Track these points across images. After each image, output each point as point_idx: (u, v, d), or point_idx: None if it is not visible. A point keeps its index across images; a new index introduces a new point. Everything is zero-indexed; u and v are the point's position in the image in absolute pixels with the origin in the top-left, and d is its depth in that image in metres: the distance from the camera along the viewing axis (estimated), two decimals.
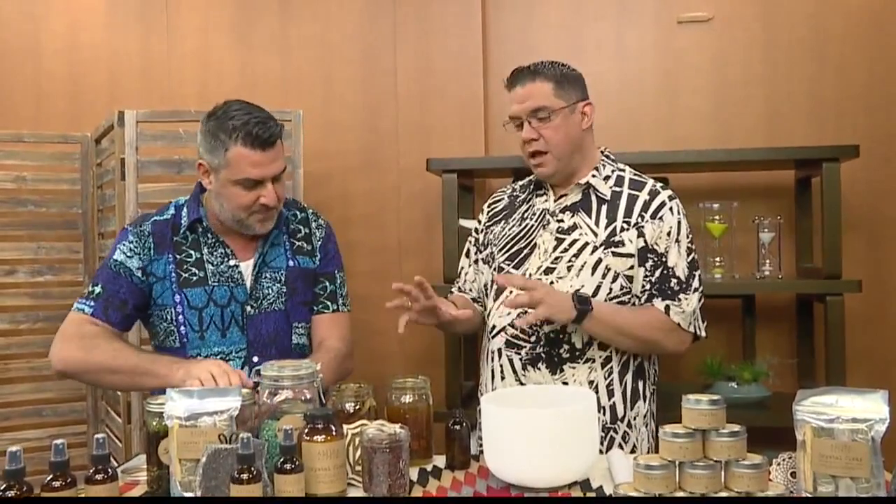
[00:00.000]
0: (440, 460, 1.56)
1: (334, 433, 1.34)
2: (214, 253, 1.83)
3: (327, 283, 1.93)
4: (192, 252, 1.83)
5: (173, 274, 1.80)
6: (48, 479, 1.22)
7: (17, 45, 3.07)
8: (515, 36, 2.89)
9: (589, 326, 1.68)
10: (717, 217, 2.59)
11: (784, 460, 1.31)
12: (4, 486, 1.19)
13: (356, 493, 1.37)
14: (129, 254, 1.81)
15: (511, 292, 1.71)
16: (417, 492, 1.40)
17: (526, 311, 1.66)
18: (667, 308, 1.72)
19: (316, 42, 2.97)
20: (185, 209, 1.86)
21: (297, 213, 1.96)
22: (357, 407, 1.54)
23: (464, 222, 2.61)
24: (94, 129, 2.81)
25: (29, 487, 1.21)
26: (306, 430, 1.34)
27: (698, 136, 2.77)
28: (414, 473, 1.47)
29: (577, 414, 1.39)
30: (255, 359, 1.80)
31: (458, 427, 1.54)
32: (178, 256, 1.82)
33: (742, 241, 2.66)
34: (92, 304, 1.79)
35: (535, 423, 1.36)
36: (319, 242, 1.94)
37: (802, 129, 2.72)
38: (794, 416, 1.19)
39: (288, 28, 2.99)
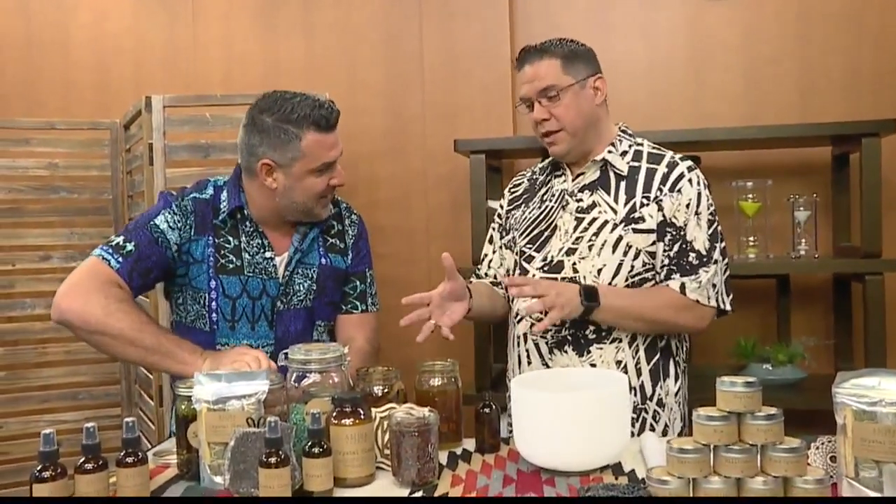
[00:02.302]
0: (470, 444, 1.55)
1: (362, 417, 1.33)
2: (252, 243, 1.78)
3: (358, 283, 1.90)
4: (231, 238, 1.78)
5: (212, 258, 1.76)
6: (80, 461, 1.24)
7: (46, 37, 3.09)
8: (542, 15, 2.85)
9: (599, 317, 1.66)
10: (750, 196, 2.54)
11: (823, 444, 1.27)
12: (40, 467, 1.21)
13: (385, 477, 1.37)
14: (172, 225, 1.74)
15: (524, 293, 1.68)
16: (447, 475, 1.39)
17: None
18: (682, 287, 1.69)
19: (340, 26, 2.95)
20: (224, 192, 1.80)
21: (331, 206, 1.89)
22: (385, 390, 1.53)
23: (492, 203, 2.58)
24: (123, 115, 2.83)
25: (63, 469, 1.22)
26: (334, 414, 1.33)
27: (730, 113, 2.71)
28: (443, 457, 1.46)
29: (609, 396, 1.37)
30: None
31: (487, 410, 1.53)
32: (217, 240, 1.77)
33: (776, 220, 2.60)
34: (119, 259, 1.68)
35: (566, 406, 1.34)
36: (352, 241, 1.90)
37: (839, 105, 2.65)
38: (834, 398, 1.16)
39: (311, 12, 2.97)
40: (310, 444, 1.27)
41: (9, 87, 3.09)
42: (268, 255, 1.79)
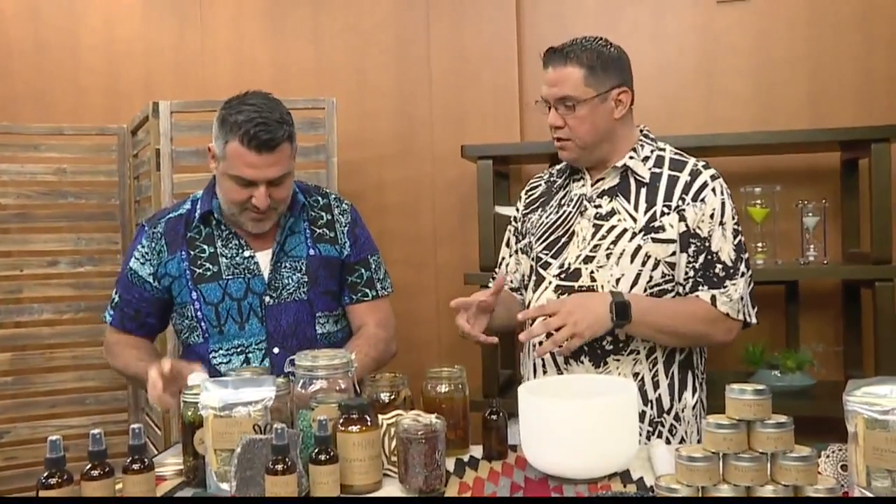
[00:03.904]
0: (477, 451, 1.54)
1: (369, 423, 1.33)
2: (228, 245, 1.80)
3: (363, 270, 1.89)
4: (206, 247, 1.80)
5: (188, 271, 1.78)
6: (87, 468, 1.23)
7: (56, 42, 3.11)
8: (550, 19, 2.84)
9: (629, 330, 1.61)
10: (758, 201, 2.52)
11: (834, 452, 1.26)
12: (46, 473, 1.21)
13: (392, 484, 1.36)
14: (141, 260, 1.82)
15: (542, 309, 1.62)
16: (454, 483, 1.38)
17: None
18: (713, 298, 1.64)
19: (349, 30, 2.96)
20: (200, 202, 1.83)
21: (319, 198, 1.90)
22: (392, 397, 1.52)
23: (500, 209, 2.58)
24: (131, 120, 2.84)
25: (69, 476, 1.22)
26: (341, 421, 1.33)
27: (739, 118, 2.70)
28: (451, 464, 1.45)
29: (617, 404, 1.36)
30: (276, 350, 1.77)
31: (494, 417, 1.52)
32: (191, 252, 1.79)
33: (785, 225, 2.59)
34: (112, 313, 1.87)
35: (575, 413, 1.33)
36: (346, 229, 1.88)
37: (850, 110, 2.63)
38: (845, 406, 1.15)
39: (320, 17, 2.98)
40: (316, 450, 1.27)
41: (19, 92, 3.11)
42: (247, 254, 1.80)
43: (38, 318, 2.84)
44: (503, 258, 1.94)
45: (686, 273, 1.67)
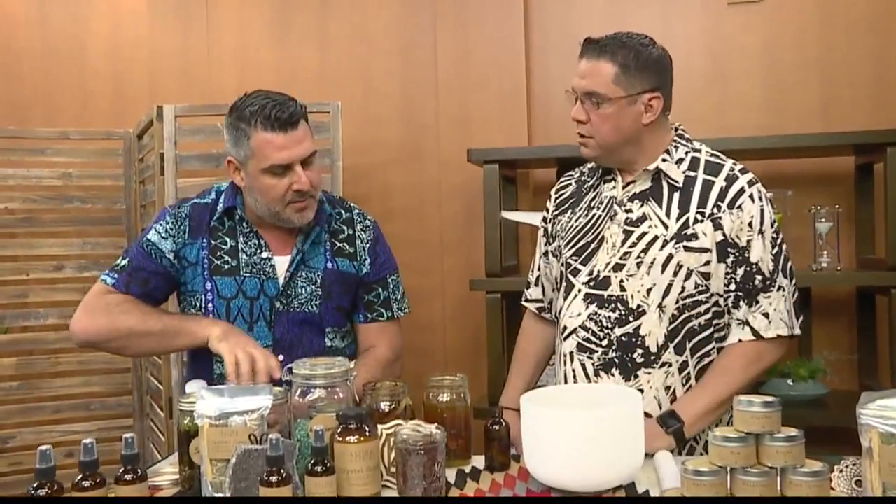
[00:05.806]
0: (479, 461, 1.51)
1: (368, 433, 1.29)
2: (249, 243, 1.78)
3: (380, 290, 1.87)
4: (228, 239, 1.78)
5: (206, 260, 1.76)
6: (78, 478, 1.21)
7: (63, 47, 3.12)
8: (558, 22, 2.81)
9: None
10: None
11: (847, 467, 1.22)
12: (36, 484, 1.19)
13: (390, 495, 1.33)
14: (163, 235, 1.77)
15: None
16: (454, 494, 1.35)
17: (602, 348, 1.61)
18: (755, 333, 1.58)
19: (354, 35, 2.94)
20: (224, 195, 1.81)
21: (343, 211, 1.88)
22: (392, 406, 1.49)
23: (506, 214, 2.55)
24: (136, 125, 2.83)
25: (60, 486, 1.20)
26: (339, 431, 1.30)
27: (750, 122, 2.66)
28: (452, 475, 1.42)
29: (621, 415, 1.32)
30: (280, 357, 1.73)
31: (496, 427, 1.48)
32: (213, 242, 1.77)
33: (797, 231, 2.54)
34: (115, 276, 1.76)
35: (578, 424, 1.30)
36: (367, 245, 1.86)
37: (863, 113, 2.59)
38: (859, 420, 1.11)
39: (326, 21, 2.96)
40: (313, 462, 1.24)
41: (26, 97, 3.12)
42: (265, 255, 1.77)
43: (44, 322, 2.84)
44: (533, 262, 1.88)
45: (726, 285, 1.60)
